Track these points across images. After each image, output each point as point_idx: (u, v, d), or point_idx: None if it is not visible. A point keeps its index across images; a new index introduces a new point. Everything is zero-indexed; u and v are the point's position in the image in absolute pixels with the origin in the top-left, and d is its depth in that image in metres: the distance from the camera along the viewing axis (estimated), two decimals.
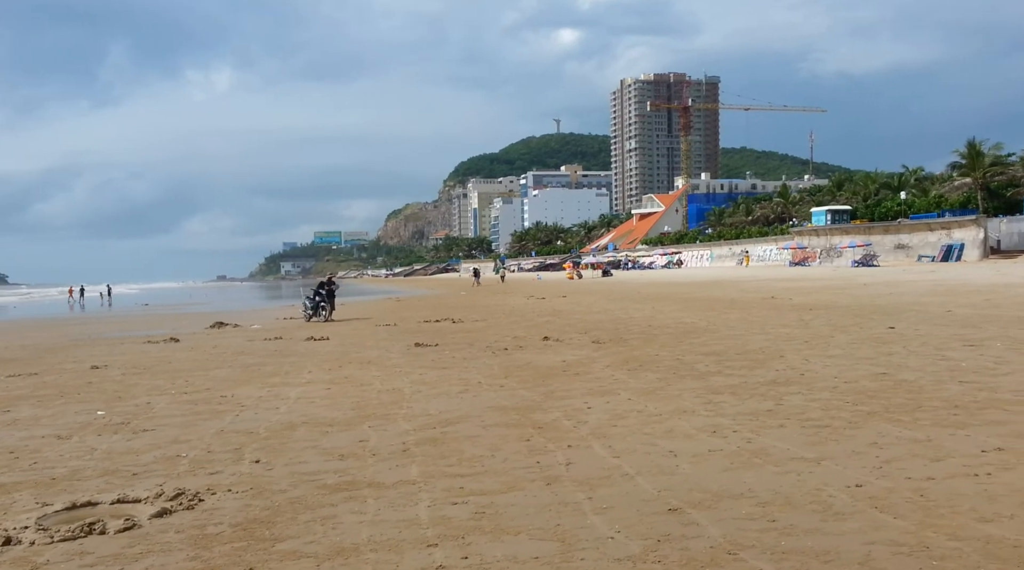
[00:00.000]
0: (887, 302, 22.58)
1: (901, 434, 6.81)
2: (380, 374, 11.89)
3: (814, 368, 10.82)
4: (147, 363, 14.51)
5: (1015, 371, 9.79)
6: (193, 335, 21.84)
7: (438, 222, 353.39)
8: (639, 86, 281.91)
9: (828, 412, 7.83)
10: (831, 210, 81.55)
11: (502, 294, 45.28)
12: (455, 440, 7.15)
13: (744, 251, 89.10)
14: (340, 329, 22.03)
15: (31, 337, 23.76)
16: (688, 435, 7.04)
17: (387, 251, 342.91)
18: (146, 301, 58.73)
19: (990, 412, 7.52)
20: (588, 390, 9.68)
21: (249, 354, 15.69)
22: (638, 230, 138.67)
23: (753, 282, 41.95)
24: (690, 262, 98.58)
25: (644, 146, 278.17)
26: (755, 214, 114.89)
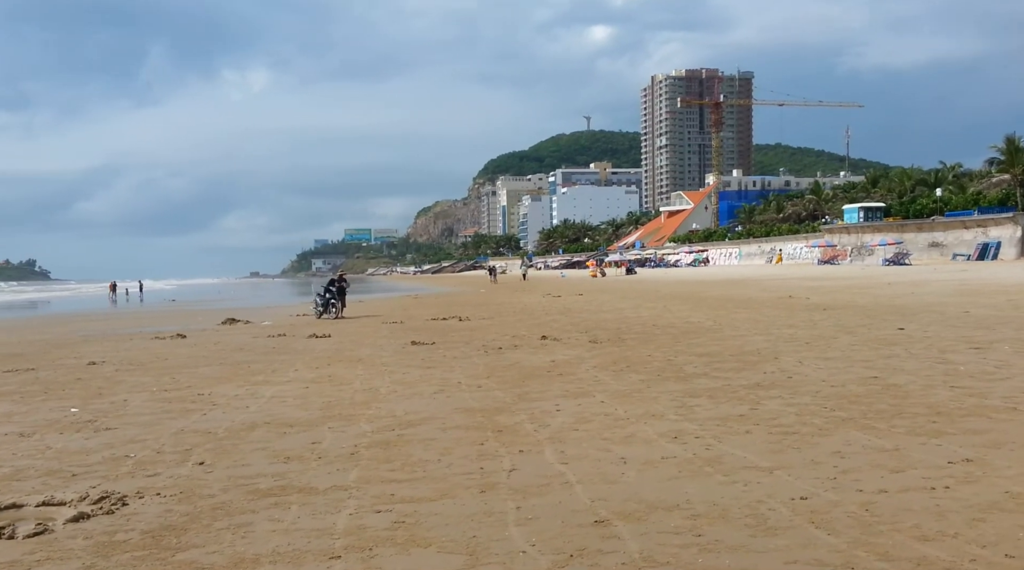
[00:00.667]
0: (906, 302, 22.01)
1: (869, 442, 6.48)
2: (364, 373, 11.73)
3: (805, 371, 10.47)
4: (144, 359, 14.48)
5: (1013, 376, 9.38)
6: (202, 332, 21.87)
7: (467, 220, 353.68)
8: (670, 82, 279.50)
9: (801, 418, 7.52)
10: (864, 207, 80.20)
11: (520, 292, 45.05)
12: (408, 443, 6.94)
13: (773, 249, 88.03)
14: (345, 327, 21.94)
15: (50, 332, 23.94)
16: (647, 441, 6.77)
17: (416, 248, 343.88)
18: (174, 297, 59.27)
19: (972, 420, 7.16)
20: (564, 392, 9.42)
21: (247, 351, 15.62)
22: (666, 228, 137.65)
23: (776, 281, 41.32)
24: (719, 260, 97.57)
25: (675, 143, 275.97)
26: (786, 211, 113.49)
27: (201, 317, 28.80)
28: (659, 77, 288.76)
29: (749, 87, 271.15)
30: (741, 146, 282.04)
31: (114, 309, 45.18)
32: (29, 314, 42.42)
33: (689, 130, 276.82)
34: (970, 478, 5.40)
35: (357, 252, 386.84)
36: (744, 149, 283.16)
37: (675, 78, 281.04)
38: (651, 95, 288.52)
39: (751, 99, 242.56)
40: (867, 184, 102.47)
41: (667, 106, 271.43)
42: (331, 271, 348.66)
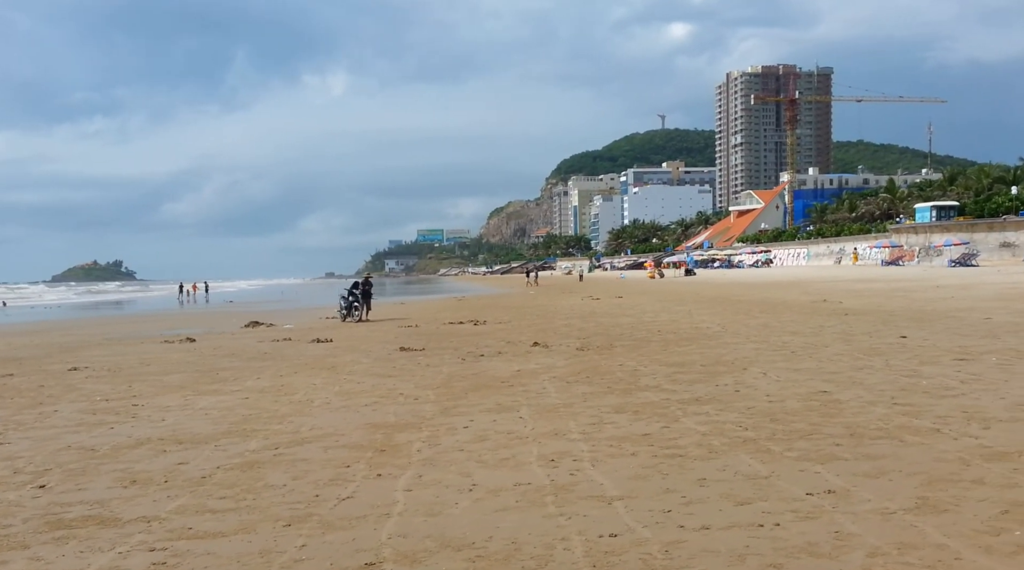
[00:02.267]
0: (937, 307, 20.93)
1: (747, 469, 6.01)
2: (320, 382, 11.59)
3: (759, 384, 9.92)
4: (126, 365, 14.65)
5: (969, 392, 8.69)
6: (218, 335, 22.17)
7: (540, 220, 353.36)
8: (746, 79, 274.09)
9: (704, 438, 7.05)
10: (936, 206, 77.29)
11: (565, 294, 44.66)
12: (277, 465, 6.65)
13: (841, 249, 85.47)
14: (357, 331, 21.96)
15: (79, 334, 24.59)
16: (520, 465, 6.38)
17: (488, 248, 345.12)
18: (231, 299, 60.64)
19: (880, 444, 6.61)
20: (494, 406, 9.09)
21: (235, 356, 15.69)
22: (735, 227, 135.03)
23: (826, 283, 39.99)
24: (786, 261, 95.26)
25: (750, 141, 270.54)
26: (859, 210, 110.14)
27: (235, 319, 29.19)
28: (734, 74, 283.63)
29: (828, 83, 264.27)
30: (819, 143, 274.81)
31: (171, 309, 46.43)
32: (87, 314, 43.81)
33: (765, 127, 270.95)
34: (812, 514, 4.92)
35: (429, 252, 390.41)
36: (822, 146, 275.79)
37: (751, 75, 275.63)
38: (726, 92, 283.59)
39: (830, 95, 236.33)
40: (944, 182, 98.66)
41: (742, 103, 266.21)
42: (404, 271, 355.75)
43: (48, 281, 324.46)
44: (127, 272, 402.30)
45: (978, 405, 8.00)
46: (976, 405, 8.01)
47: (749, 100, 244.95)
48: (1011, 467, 5.77)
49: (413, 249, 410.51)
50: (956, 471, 5.73)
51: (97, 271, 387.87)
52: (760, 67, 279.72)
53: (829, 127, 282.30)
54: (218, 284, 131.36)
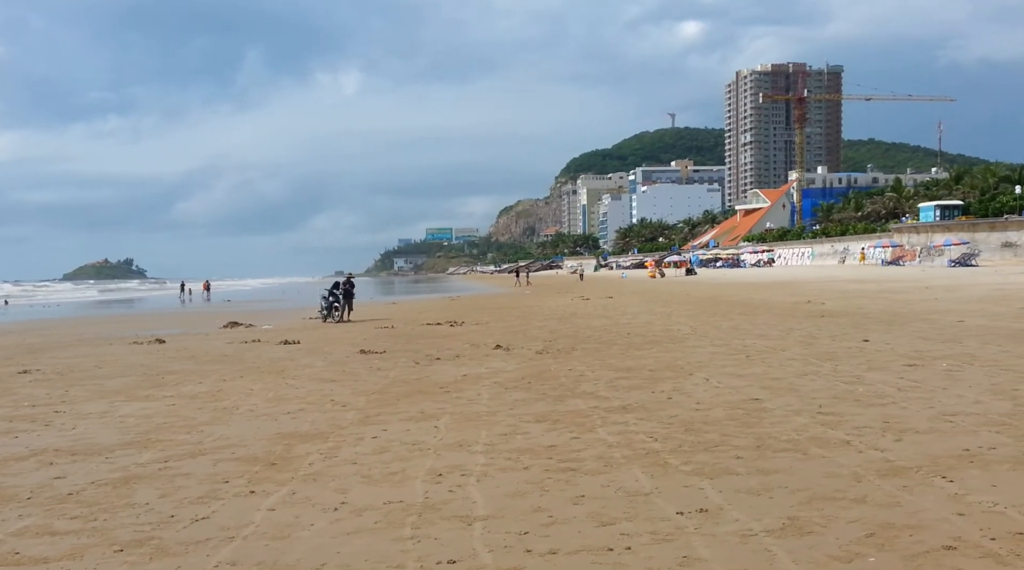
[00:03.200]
0: (915, 309, 20.63)
1: (633, 485, 5.80)
2: (258, 387, 11.40)
3: (696, 390, 9.70)
4: (81, 368, 14.50)
5: (903, 400, 8.44)
6: (190, 336, 22.05)
7: (549, 218, 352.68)
8: (755, 77, 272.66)
9: (609, 450, 6.84)
10: (940, 205, 76.68)
11: (558, 294, 44.41)
12: (155, 480, 6.24)
13: (846, 249, 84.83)
14: (331, 332, 21.82)
15: (55, 334, 24.50)
16: (403, 480, 6.13)
17: (497, 247, 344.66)
18: (229, 298, 60.62)
19: (781, 458, 6.39)
20: (417, 414, 8.88)
21: (193, 359, 15.54)
22: (741, 227, 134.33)
23: (820, 284, 39.61)
24: (791, 260, 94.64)
25: (760, 139, 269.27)
26: (865, 209, 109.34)
27: (219, 319, 29.00)
28: (744, 72, 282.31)
29: (839, 81, 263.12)
30: (829, 142, 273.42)
31: (165, 308, 46.42)
32: (81, 313, 43.78)
33: (775, 126, 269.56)
34: (669, 537, 4.70)
35: (439, 251, 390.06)
36: (832, 145, 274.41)
37: (760, 73, 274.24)
38: (736, 91, 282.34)
39: (840, 94, 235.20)
40: (950, 181, 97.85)
41: (752, 102, 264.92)
42: (413, 270, 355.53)
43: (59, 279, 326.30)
44: (137, 270, 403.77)
45: (903, 415, 7.76)
46: (901, 415, 7.76)
47: (758, 99, 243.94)
48: (901, 484, 5.54)
49: (422, 248, 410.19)
50: (843, 488, 5.50)
51: (108, 269, 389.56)
52: (770, 65, 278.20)
53: (839, 126, 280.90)
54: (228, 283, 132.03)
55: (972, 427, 7.15)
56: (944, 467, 5.92)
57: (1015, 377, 9.63)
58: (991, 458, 6.12)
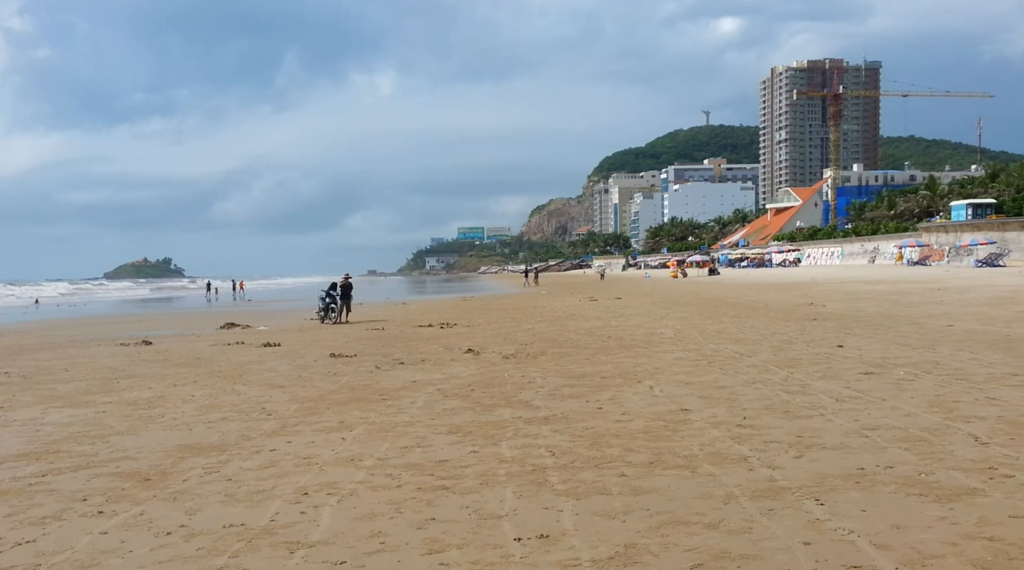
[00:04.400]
0: (911, 312, 20.07)
1: (493, 506, 5.56)
2: (201, 393, 11.28)
3: (633, 400, 9.42)
4: (50, 370, 14.53)
5: (833, 413, 8.09)
6: (181, 337, 22.12)
7: (581, 217, 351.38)
8: (791, 74, 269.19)
9: (499, 466, 6.61)
10: (972, 204, 74.95)
11: (569, 294, 44.06)
12: (14, 497, 6.09)
13: (875, 248, 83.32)
14: (318, 334, 21.77)
15: (59, 334, 24.72)
16: (264, 500, 5.85)
17: (529, 246, 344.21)
18: (250, 297, 61.13)
19: (666, 476, 6.12)
20: (336, 424, 8.69)
21: (164, 362, 15.51)
22: (772, 226, 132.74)
23: (834, 284, 38.87)
24: (820, 260, 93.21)
25: (795, 137, 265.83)
26: (898, 208, 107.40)
27: (221, 320, 29.06)
28: (779, 69, 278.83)
29: (876, 77, 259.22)
30: (867, 139, 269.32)
31: (184, 307, 46.91)
32: (101, 311, 44.29)
33: (811, 123, 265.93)
34: (491, 567, 4.46)
35: (470, 250, 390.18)
36: (870, 142, 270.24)
37: (796, 69, 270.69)
38: (770, 88, 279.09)
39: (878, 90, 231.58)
40: (986, 178, 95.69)
41: (787, 99, 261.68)
42: (444, 269, 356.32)
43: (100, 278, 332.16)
44: (176, 269, 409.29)
45: (822, 429, 7.43)
46: (819, 429, 7.43)
47: (792, 95, 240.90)
48: (767, 507, 5.24)
49: (454, 247, 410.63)
50: (704, 511, 5.22)
51: (147, 268, 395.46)
52: (806, 62, 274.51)
53: (877, 122, 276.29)
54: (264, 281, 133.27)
55: (884, 443, 6.80)
56: (826, 488, 5.60)
57: (964, 388, 9.21)
58: (881, 478, 5.79)
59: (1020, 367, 10.61)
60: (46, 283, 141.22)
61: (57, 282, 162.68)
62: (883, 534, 4.68)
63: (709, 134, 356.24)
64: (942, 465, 6.07)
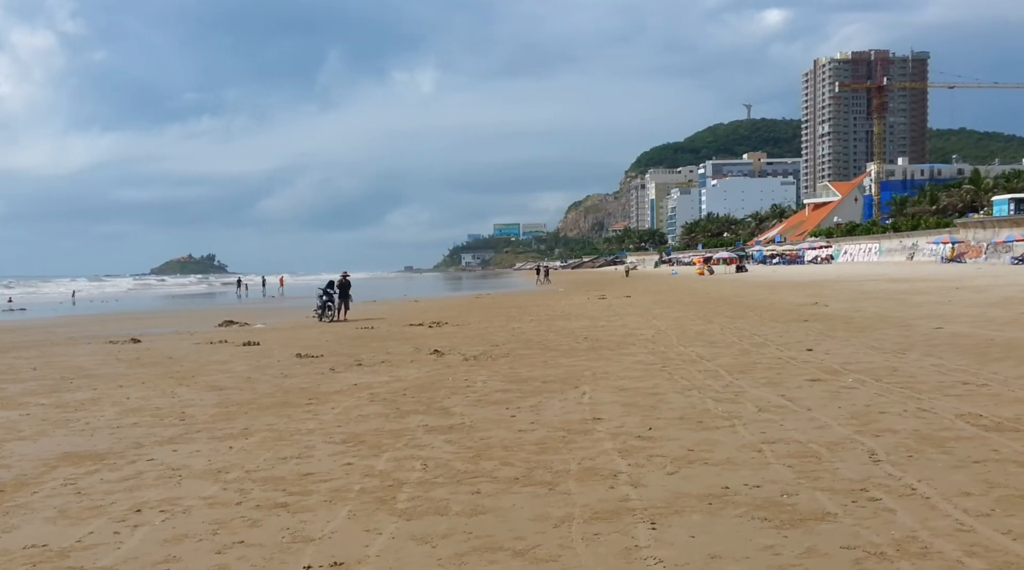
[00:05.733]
0: (907, 313, 19.41)
1: (318, 528, 5.29)
2: (138, 395, 11.12)
3: (554, 408, 9.10)
4: (19, 369, 14.50)
5: (744, 424, 7.68)
6: (172, 335, 22.18)
7: (618, 213, 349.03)
8: (834, 66, 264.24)
9: (360, 480, 6.33)
10: (1015, 198, 72.91)
11: (581, 292, 43.60)
12: None
13: (914, 244, 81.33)
14: (306, 332, 21.70)
15: (55, 332, 24.98)
16: (96, 516, 5.63)
17: (564, 242, 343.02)
18: (274, 294, 61.62)
19: (519, 495, 5.79)
20: (237, 432, 8.44)
21: (134, 362, 15.46)
22: (809, 221, 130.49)
23: (850, 283, 37.95)
24: (857, 256, 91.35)
25: (838, 130, 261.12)
26: (940, 203, 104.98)
27: (216, 317, 29.03)
28: (822, 61, 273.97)
29: (924, 69, 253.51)
30: (914, 132, 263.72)
31: (207, 303, 47.39)
32: (127, 307, 44.91)
33: (855, 116, 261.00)
34: None
35: (506, 246, 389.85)
36: (917, 135, 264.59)
37: (840, 61, 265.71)
38: (813, 80, 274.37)
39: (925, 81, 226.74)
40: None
41: (830, 91, 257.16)
42: (480, 265, 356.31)
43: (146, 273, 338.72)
44: (219, 265, 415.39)
45: (720, 442, 7.04)
46: (717, 442, 7.04)
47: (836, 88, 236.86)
48: (594, 532, 4.89)
49: (490, 243, 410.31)
50: (524, 536, 4.89)
51: (191, 265, 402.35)
52: (850, 53, 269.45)
53: (924, 115, 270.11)
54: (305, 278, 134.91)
55: (773, 459, 6.40)
56: (672, 510, 5.24)
57: (901, 398, 8.73)
58: (738, 500, 5.40)
59: (978, 374, 10.05)
60: (80, 279, 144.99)
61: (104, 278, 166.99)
62: (691, 565, 4.32)
63: (750, 128, 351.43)
64: (815, 485, 5.67)
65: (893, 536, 4.60)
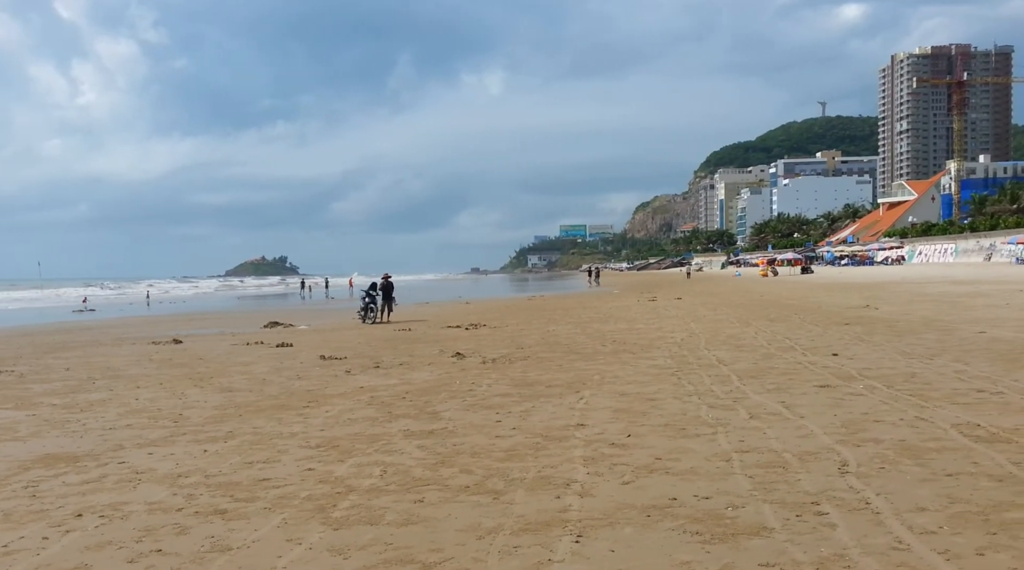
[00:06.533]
0: (956, 317, 18.66)
1: (232, 537, 5.23)
2: (148, 396, 11.27)
3: (546, 412, 8.91)
4: (55, 369, 14.91)
5: (728, 431, 7.38)
6: (214, 336, 22.61)
7: (686, 214, 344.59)
8: (913, 61, 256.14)
9: (313, 486, 6.27)
10: None
11: (633, 294, 43.06)
12: None
13: (992, 245, 78.22)
14: (343, 335, 21.86)
15: (109, 332, 25.74)
16: (28, 522, 5.69)
17: (632, 244, 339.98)
18: (333, 296, 62.52)
19: (454, 506, 5.64)
20: (222, 435, 8.51)
21: (166, 363, 15.74)
22: (884, 221, 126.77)
23: (911, 285, 36.65)
24: (932, 257, 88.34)
25: (918, 127, 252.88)
26: (1022, 202, 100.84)
27: (274, 318, 29.58)
28: (900, 56, 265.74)
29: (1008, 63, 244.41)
30: (997, 128, 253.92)
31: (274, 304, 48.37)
32: (178, 309, 46.15)
33: (935, 112, 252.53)
34: None
35: (572, 248, 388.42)
36: (1001, 132, 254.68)
37: (919, 56, 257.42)
38: (890, 76, 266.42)
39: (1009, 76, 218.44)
40: None
41: (908, 87, 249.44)
42: (546, 267, 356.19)
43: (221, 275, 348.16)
44: (291, 267, 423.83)
45: (694, 451, 6.77)
46: (691, 451, 6.77)
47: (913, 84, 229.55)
48: (513, 544, 4.72)
49: (556, 245, 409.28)
50: (443, 548, 4.73)
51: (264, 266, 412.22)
52: (929, 48, 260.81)
53: (1009, 111, 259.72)
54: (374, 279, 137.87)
55: (738, 469, 6.12)
56: (607, 522, 5.04)
57: (905, 406, 8.29)
58: (678, 513, 5.16)
59: (998, 382, 9.51)
60: (171, 281, 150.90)
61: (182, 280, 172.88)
62: None
63: (825, 125, 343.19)
64: (767, 497, 5.38)
65: (820, 554, 4.32)
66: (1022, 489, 5.31)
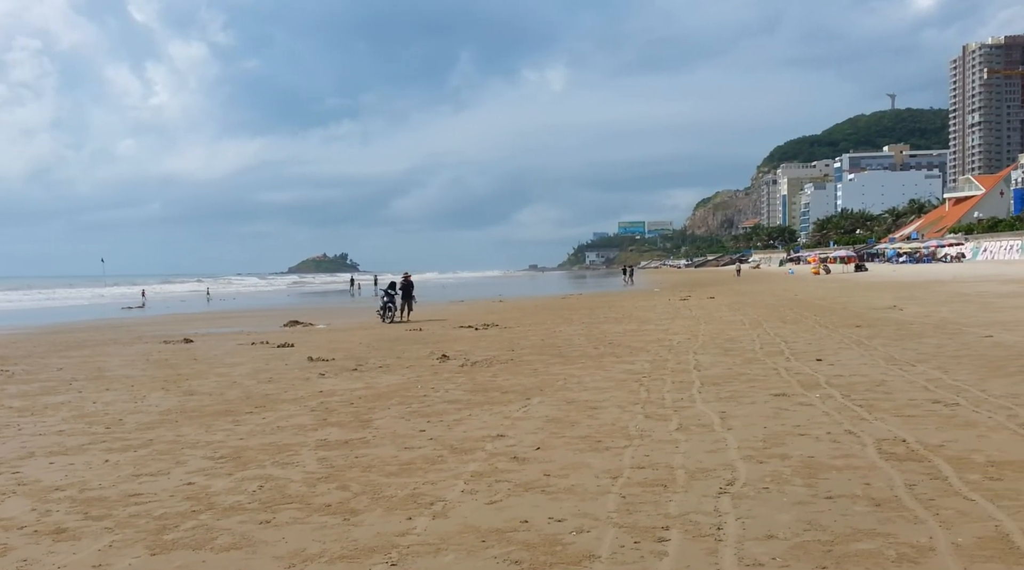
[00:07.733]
0: (974, 320, 17.81)
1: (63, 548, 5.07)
2: (113, 398, 11.32)
3: (476, 420, 8.63)
4: (50, 369, 15.17)
5: (641, 445, 7.00)
6: (226, 335, 22.80)
7: (748, 210, 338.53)
8: (985, 52, 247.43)
9: (217, 498, 6.10)
10: None
11: (668, 292, 42.28)
12: None
13: None
14: (350, 335, 21.81)
15: (127, 331, 26.21)
16: None
17: (691, 240, 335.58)
18: None
19: (371, 515, 5.40)
20: (142, 442, 8.45)
21: (162, 364, 15.83)
22: (949, 217, 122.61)
23: (953, 285, 35.21)
24: (997, 254, 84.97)
25: (990, 120, 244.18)
26: None
27: (301, 316, 29.77)
28: (972, 46, 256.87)
29: None
30: None
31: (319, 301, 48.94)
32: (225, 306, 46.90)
33: (1009, 104, 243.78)
34: None
35: (631, 245, 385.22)
36: None
37: (991, 46, 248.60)
38: (962, 67, 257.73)
39: None
40: None
41: (980, 79, 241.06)
42: (604, 264, 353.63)
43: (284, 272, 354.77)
44: (351, 264, 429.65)
45: (588, 466, 6.43)
46: (586, 466, 6.43)
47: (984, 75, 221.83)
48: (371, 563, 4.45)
49: (615, 241, 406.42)
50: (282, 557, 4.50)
51: (325, 263, 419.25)
52: (1003, 38, 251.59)
53: None
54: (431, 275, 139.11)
55: (615, 489, 5.76)
56: (437, 549, 4.74)
57: (843, 418, 7.79)
58: (516, 538, 4.84)
59: (964, 392, 8.92)
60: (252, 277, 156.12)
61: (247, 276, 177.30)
62: None
63: (894, 118, 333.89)
64: (621, 521, 5.03)
65: None
66: (892, 516, 4.86)
